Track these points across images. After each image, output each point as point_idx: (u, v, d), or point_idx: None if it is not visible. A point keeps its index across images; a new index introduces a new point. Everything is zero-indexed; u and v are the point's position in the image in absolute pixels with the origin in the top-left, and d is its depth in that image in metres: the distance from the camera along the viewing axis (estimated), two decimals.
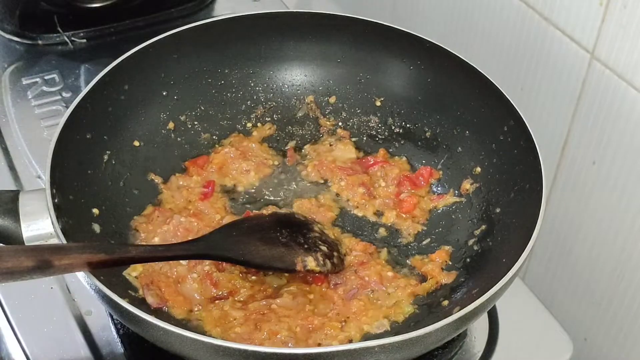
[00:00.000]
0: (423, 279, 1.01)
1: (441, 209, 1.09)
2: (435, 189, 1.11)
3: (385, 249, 1.05)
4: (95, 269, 0.83)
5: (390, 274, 1.01)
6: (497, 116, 1.05)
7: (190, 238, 0.99)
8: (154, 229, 1.02)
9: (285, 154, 1.17)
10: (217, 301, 0.96)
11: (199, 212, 1.06)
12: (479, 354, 1.00)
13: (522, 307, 1.07)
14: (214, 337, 0.86)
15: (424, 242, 1.06)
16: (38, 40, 1.40)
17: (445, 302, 0.96)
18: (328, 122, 1.19)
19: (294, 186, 1.13)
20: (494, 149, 1.06)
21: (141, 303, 0.93)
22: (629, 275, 1.09)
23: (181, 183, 1.10)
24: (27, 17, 1.41)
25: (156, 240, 1.01)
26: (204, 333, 0.92)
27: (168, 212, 1.05)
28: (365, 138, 1.18)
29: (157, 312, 0.93)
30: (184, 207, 1.07)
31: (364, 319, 0.95)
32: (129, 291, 0.94)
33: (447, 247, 1.04)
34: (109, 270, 0.89)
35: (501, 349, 1.01)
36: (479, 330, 1.02)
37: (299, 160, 1.16)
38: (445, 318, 0.80)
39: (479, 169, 1.08)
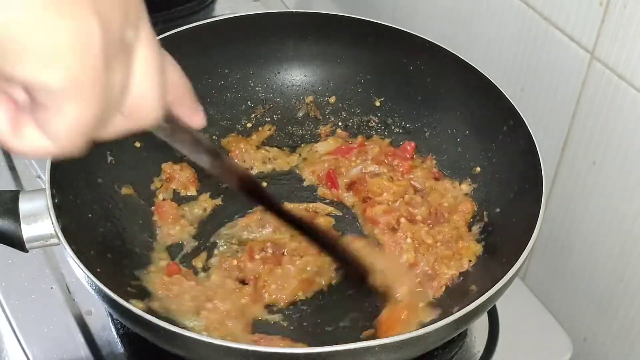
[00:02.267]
0: None
1: None
2: None
3: None
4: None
5: None
6: (497, 116, 1.05)
7: None
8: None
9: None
10: None
11: None
12: (479, 354, 1.00)
13: (522, 307, 1.07)
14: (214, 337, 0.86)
15: None
16: None
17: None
18: (326, 127, 1.19)
19: (292, 190, 1.13)
20: (494, 149, 1.06)
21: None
22: (629, 275, 1.09)
23: None
24: None
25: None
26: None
27: None
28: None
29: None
30: None
31: None
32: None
33: None
34: (109, 270, 0.89)
35: (501, 349, 1.01)
36: (479, 330, 1.02)
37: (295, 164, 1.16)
38: (445, 318, 0.80)
39: (479, 169, 1.08)
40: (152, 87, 0.55)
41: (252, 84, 1.19)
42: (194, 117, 0.66)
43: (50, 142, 0.52)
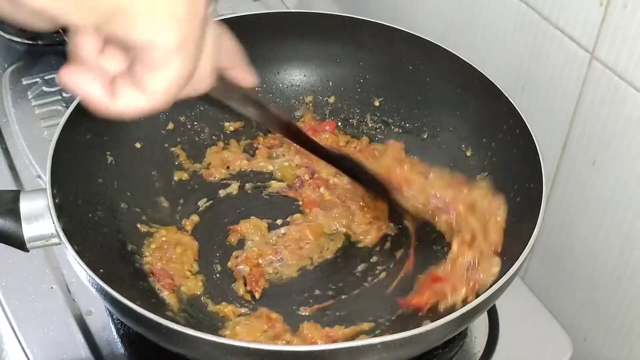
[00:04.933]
0: None
1: None
2: None
3: None
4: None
5: None
6: (497, 116, 1.05)
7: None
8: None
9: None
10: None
11: None
12: (479, 354, 1.00)
13: (522, 307, 1.07)
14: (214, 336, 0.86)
15: None
16: (38, 40, 1.40)
17: None
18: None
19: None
20: (494, 148, 1.06)
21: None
22: (629, 275, 1.09)
23: None
24: None
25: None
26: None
27: None
28: (363, 138, 1.18)
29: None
30: None
31: None
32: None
33: None
34: (110, 269, 0.89)
35: (501, 349, 1.01)
36: (479, 330, 1.02)
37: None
38: (446, 316, 0.81)
39: (478, 169, 1.08)
40: (212, 53, 0.66)
41: None
42: (246, 78, 0.78)
43: (145, 99, 0.62)
